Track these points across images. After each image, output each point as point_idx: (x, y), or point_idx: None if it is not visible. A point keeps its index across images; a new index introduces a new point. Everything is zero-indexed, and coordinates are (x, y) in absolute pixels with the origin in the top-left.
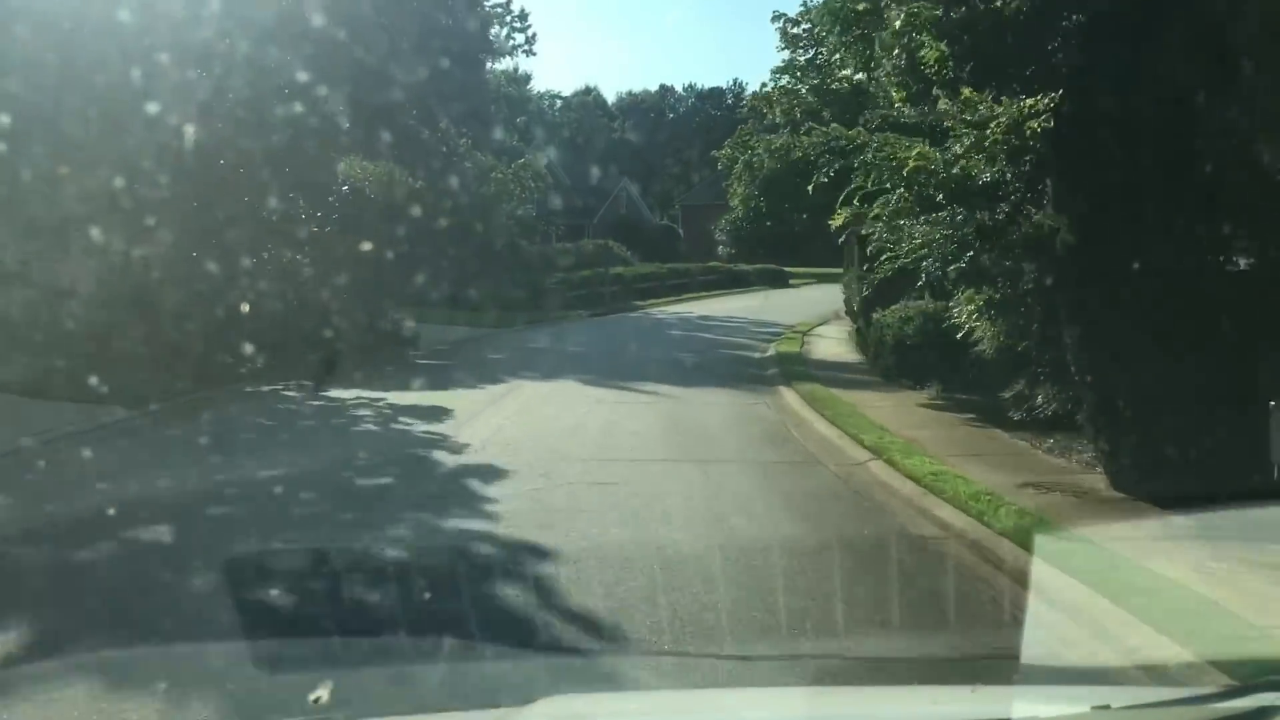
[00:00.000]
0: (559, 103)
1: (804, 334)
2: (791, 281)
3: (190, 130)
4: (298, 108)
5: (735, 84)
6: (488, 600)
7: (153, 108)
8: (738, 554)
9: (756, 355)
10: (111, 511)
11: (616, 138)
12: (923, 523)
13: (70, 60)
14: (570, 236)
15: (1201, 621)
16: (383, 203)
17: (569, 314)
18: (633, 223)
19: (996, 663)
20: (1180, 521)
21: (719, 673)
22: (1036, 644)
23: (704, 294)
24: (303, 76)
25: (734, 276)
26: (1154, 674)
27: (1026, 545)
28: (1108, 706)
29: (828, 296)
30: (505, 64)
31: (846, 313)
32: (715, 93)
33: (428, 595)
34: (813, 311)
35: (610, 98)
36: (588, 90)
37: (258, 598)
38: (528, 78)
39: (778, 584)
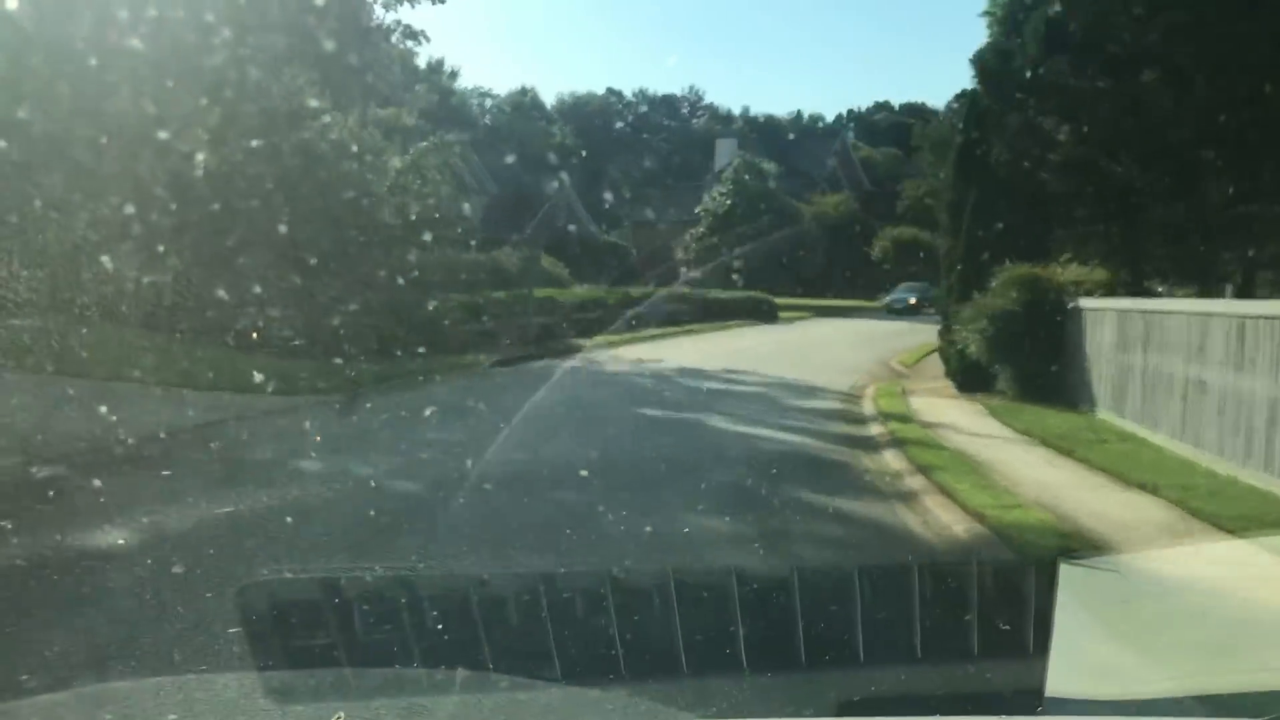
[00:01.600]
0: (489, 101)
1: (905, 417)
2: (781, 315)
3: None
4: None
5: (692, 91)
6: None
7: None
8: None
9: (915, 526)
10: None
11: (556, 143)
12: None
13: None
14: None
15: None
16: None
17: (461, 361)
18: (573, 238)
19: None
20: None
21: None
22: None
23: (672, 329)
24: None
25: (708, 307)
26: None
27: None
28: None
29: (844, 335)
30: (404, 12)
31: (951, 373)
32: (669, 101)
33: None
34: (843, 361)
35: (550, 100)
36: (524, 91)
37: None
38: (455, 73)
39: None
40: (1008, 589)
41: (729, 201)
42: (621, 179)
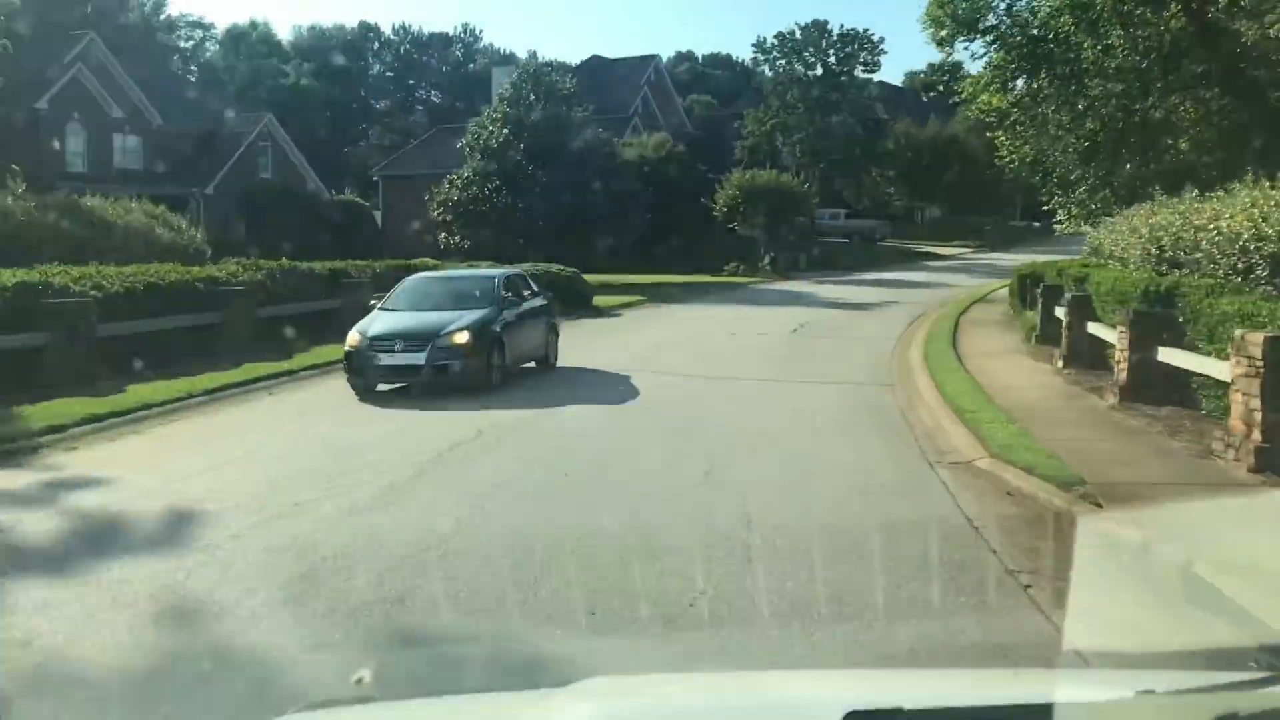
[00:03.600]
0: (203, 34)
1: None
2: (598, 301)
3: None
4: None
5: (467, 31)
6: None
7: None
8: None
9: None
10: None
11: (289, 84)
12: None
13: None
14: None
15: None
16: None
17: None
18: (285, 193)
19: None
20: None
21: None
22: None
23: None
24: None
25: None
26: None
27: None
28: (1152, 691)
29: (744, 348)
30: None
31: None
32: (439, 40)
33: None
34: (858, 461)
35: (287, 36)
36: (253, 24)
37: None
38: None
39: None
40: None
41: (505, 130)
42: (380, 129)
